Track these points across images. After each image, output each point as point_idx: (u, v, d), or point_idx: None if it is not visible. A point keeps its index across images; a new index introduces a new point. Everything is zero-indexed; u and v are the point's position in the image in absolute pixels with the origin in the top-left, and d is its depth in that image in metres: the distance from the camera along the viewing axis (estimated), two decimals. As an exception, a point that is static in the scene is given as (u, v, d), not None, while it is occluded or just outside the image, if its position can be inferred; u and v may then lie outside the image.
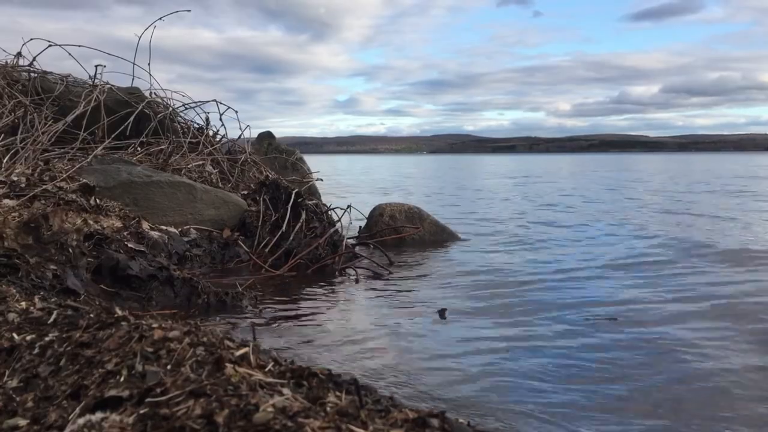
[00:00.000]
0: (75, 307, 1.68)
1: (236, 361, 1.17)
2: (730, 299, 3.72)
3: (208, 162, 5.96)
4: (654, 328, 3.13)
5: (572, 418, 2.05)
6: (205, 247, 4.40)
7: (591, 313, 3.42)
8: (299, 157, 8.38)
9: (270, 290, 3.83)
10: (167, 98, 6.59)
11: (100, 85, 5.97)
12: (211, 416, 0.96)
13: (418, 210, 6.27)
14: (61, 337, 1.42)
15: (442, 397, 2.21)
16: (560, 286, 4.11)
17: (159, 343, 1.25)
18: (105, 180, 4.28)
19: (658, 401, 2.22)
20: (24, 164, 4.21)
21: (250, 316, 3.19)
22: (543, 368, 2.53)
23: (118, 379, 1.14)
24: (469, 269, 4.70)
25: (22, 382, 1.28)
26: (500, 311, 3.46)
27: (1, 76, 5.74)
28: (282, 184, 5.19)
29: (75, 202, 3.52)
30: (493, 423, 2.00)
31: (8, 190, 3.42)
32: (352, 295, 3.87)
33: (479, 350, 2.76)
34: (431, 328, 3.10)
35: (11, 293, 1.95)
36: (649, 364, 2.59)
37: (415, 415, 1.01)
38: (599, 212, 9.37)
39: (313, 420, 0.94)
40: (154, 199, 4.45)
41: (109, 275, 3.17)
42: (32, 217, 3.07)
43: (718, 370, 2.52)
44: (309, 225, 4.86)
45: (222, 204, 4.85)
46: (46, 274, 2.78)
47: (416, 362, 2.58)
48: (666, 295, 3.84)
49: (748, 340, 2.94)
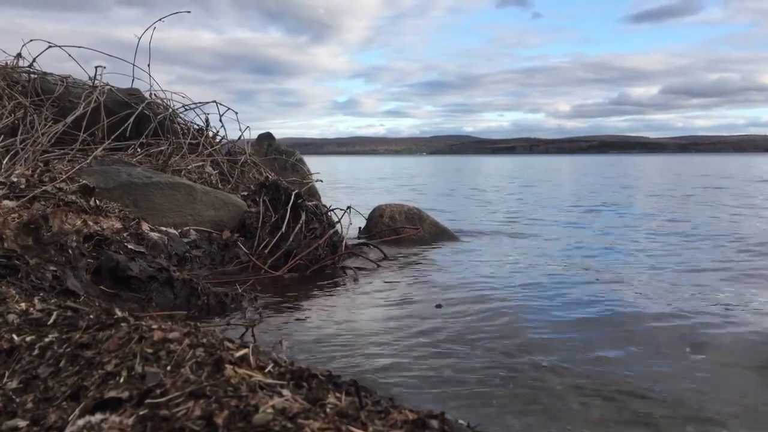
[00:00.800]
0: (75, 308, 1.68)
1: (236, 362, 1.17)
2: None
3: (207, 163, 5.96)
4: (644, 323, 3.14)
5: (572, 419, 2.05)
6: (204, 248, 4.40)
7: (588, 312, 3.43)
8: (299, 158, 8.37)
9: (270, 291, 3.83)
10: (167, 99, 6.59)
11: (100, 86, 5.97)
12: (211, 417, 0.96)
13: (417, 211, 6.27)
14: (60, 338, 1.42)
15: (442, 396, 2.21)
16: (560, 287, 4.11)
17: (159, 344, 1.25)
18: (105, 181, 4.28)
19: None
20: (24, 165, 4.21)
21: (250, 317, 3.19)
22: (539, 366, 2.53)
23: (118, 380, 1.14)
24: (468, 270, 4.70)
25: (22, 383, 1.28)
26: (499, 311, 3.46)
27: (1, 77, 5.73)
28: (282, 185, 5.19)
29: (75, 203, 3.52)
30: (492, 423, 2.00)
31: (8, 191, 3.42)
32: (351, 295, 3.87)
33: (478, 349, 2.76)
34: (430, 327, 3.10)
35: (11, 294, 1.95)
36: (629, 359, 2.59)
37: (414, 416, 1.01)
38: (600, 213, 9.37)
39: (313, 421, 0.94)
40: (153, 200, 4.45)
41: (108, 276, 3.17)
42: (32, 218, 3.07)
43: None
44: (309, 226, 4.86)
45: (222, 205, 4.84)
46: (46, 275, 2.78)
47: (416, 361, 2.58)
48: (666, 294, 3.85)
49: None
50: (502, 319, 3.32)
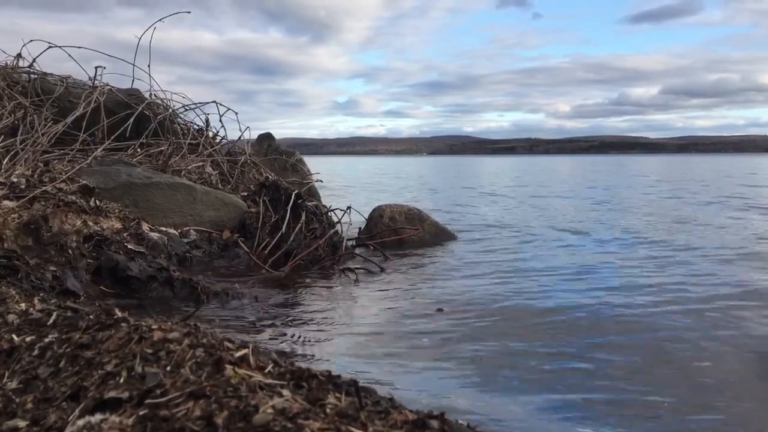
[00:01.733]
0: (75, 309, 1.68)
1: (236, 362, 1.17)
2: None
3: (207, 163, 5.96)
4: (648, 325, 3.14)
5: (569, 419, 2.05)
6: (204, 249, 4.40)
7: (587, 312, 3.43)
8: (299, 158, 8.37)
9: (270, 291, 3.83)
10: (167, 99, 6.59)
11: (100, 86, 5.97)
12: (211, 417, 0.96)
13: (417, 211, 6.26)
14: (60, 338, 1.42)
15: (442, 397, 2.21)
16: (560, 287, 4.11)
17: (158, 345, 1.25)
18: (105, 181, 4.28)
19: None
20: (24, 166, 4.21)
21: (250, 317, 3.19)
22: (538, 366, 2.53)
23: (118, 380, 1.14)
24: (468, 270, 4.70)
25: (22, 383, 1.28)
26: (498, 312, 3.46)
27: (1, 77, 5.73)
28: (282, 185, 5.19)
29: (75, 203, 3.52)
30: (491, 423, 1.99)
31: (8, 192, 3.42)
32: (351, 295, 3.87)
33: (477, 350, 2.76)
34: (430, 328, 3.10)
35: (11, 294, 1.95)
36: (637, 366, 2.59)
37: (414, 417, 1.01)
38: (602, 214, 9.37)
39: (313, 421, 0.94)
40: (153, 201, 4.45)
41: (108, 276, 3.17)
42: (32, 219, 3.07)
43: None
44: (309, 226, 4.86)
45: (222, 205, 4.85)
46: (46, 275, 2.78)
47: (416, 362, 2.58)
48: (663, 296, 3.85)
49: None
50: (503, 319, 3.32)
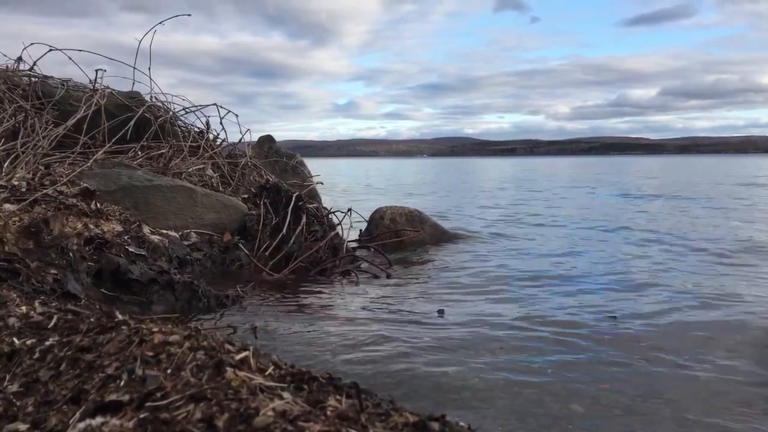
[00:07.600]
0: (75, 312, 1.68)
1: (236, 365, 1.17)
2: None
3: (208, 166, 5.96)
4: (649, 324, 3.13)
5: (569, 421, 2.05)
6: (205, 251, 4.39)
7: (588, 312, 3.42)
8: (299, 160, 8.37)
9: (270, 293, 3.83)
10: (168, 102, 6.59)
11: (100, 89, 5.97)
12: (212, 420, 0.96)
13: (418, 213, 6.26)
14: (61, 341, 1.42)
15: (443, 399, 2.20)
16: (559, 287, 4.11)
17: (159, 347, 1.25)
18: (105, 184, 4.28)
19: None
20: (24, 169, 4.21)
21: (251, 320, 3.19)
22: (538, 367, 2.53)
23: (119, 383, 1.14)
24: (469, 272, 4.70)
25: (23, 386, 1.28)
26: (500, 314, 3.46)
27: (2, 80, 5.74)
28: (282, 187, 5.19)
29: (75, 206, 3.53)
30: (490, 423, 1.99)
31: (9, 195, 3.42)
32: (352, 297, 3.87)
33: (477, 351, 2.76)
34: (431, 329, 3.09)
35: (12, 298, 1.95)
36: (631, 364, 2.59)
37: (415, 419, 1.01)
38: (602, 215, 9.37)
39: (314, 424, 0.94)
40: (154, 203, 4.45)
41: (109, 279, 3.17)
42: (33, 222, 3.08)
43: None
44: (310, 228, 4.86)
45: (222, 208, 4.84)
46: (47, 278, 2.78)
47: (416, 363, 2.57)
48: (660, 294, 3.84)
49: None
50: (503, 320, 3.31)
